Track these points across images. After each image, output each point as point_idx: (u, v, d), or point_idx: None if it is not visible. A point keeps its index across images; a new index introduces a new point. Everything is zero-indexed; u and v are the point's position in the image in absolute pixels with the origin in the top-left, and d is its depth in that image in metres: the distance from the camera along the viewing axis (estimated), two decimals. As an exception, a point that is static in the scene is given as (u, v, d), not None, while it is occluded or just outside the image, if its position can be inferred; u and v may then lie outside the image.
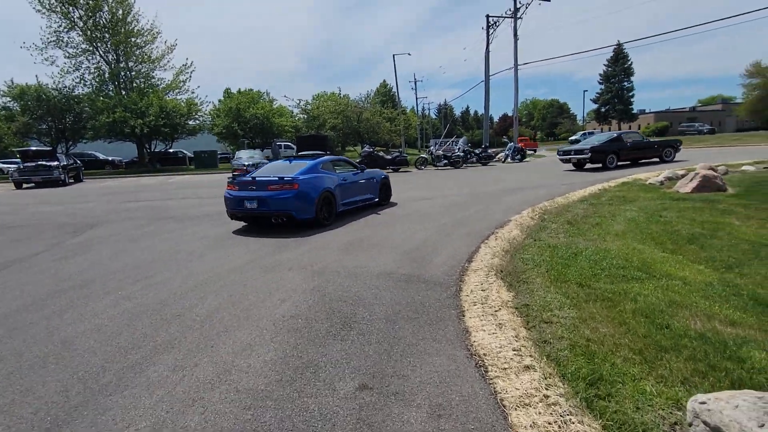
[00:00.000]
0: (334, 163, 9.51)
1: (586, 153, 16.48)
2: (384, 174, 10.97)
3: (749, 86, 56.74)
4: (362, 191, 9.66)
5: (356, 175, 9.63)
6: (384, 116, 34.09)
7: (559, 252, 5.18)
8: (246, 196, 7.71)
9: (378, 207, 9.82)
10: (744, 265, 4.66)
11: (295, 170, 8.08)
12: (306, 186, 7.72)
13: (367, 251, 5.66)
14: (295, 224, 7.66)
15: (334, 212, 8.34)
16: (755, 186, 9.23)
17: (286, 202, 7.44)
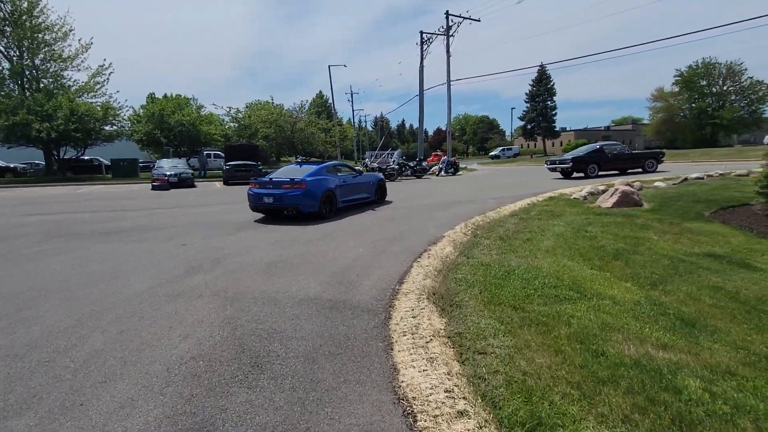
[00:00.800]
0: (336, 167, 11.25)
1: (568, 163, 18.09)
2: (381, 177, 13.15)
3: (654, 109, 62.99)
4: (359, 191, 11.59)
5: (355, 178, 11.48)
6: (319, 127, 33.54)
7: (492, 271, 5.02)
8: (265, 193, 9.59)
9: (375, 204, 11.84)
10: (666, 282, 4.75)
11: (303, 173, 9.94)
12: (312, 186, 9.58)
13: (290, 273, 5.17)
14: (302, 216, 9.45)
15: (335, 208, 10.24)
16: (666, 201, 9.84)
17: (296, 198, 9.31)
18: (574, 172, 18.27)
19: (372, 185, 12.23)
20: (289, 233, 7.74)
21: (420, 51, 31.46)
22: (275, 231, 8.01)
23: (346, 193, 10.87)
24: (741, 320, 3.75)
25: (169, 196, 16.16)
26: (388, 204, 11.87)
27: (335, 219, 9.27)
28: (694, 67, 57.73)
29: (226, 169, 22.01)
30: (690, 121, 58.93)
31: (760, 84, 54.50)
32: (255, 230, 8.13)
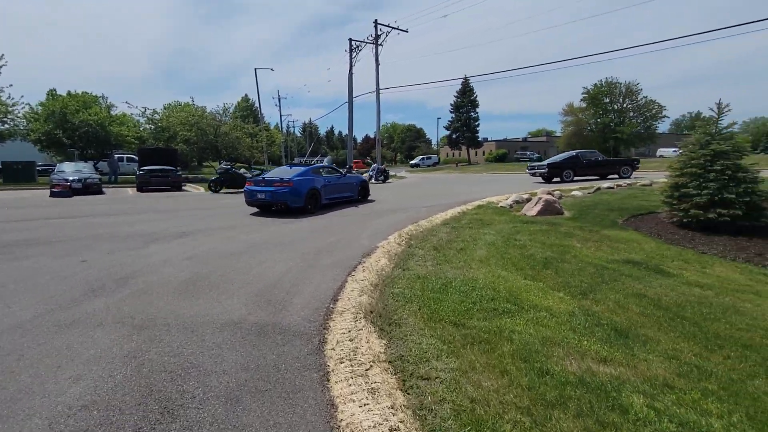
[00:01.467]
0: (323, 169, 13.04)
1: (544, 168, 19.91)
2: (363, 179, 15.31)
3: (565, 123, 68.12)
4: (343, 190, 13.38)
5: (339, 179, 13.25)
6: (245, 131, 32.06)
7: (429, 284, 4.86)
8: (258, 190, 11.29)
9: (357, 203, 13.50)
10: (595, 291, 4.87)
11: (292, 173, 11.59)
12: (298, 185, 11.17)
13: (211, 292, 4.63)
14: (290, 210, 11.13)
15: (319, 204, 11.90)
16: (585, 210, 10.42)
17: (284, 195, 10.93)
18: (551, 177, 19.76)
19: (355, 186, 14.17)
20: (208, 246, 7.08)
21: (349, 58, 31.37)
22: (193, 243, 7.29)
23: (331, 191, 12.64)
24: (667, 328, 3.87)
25: (70, 204, 14.40)
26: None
27: (269, 228, 8.71)
28: (599, 86, 63.38)
29: (140, 174, 20.17)
30: (596, 135, 64.46)
31: (654, 103, 61.13)
32: (170, 243, 7.34)
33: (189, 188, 22.84)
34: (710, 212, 8.01)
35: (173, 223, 9.41)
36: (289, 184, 11.04)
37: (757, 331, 3.90)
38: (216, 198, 16.23)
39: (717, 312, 4.38)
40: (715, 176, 8.13)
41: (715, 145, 8.31)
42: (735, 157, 8.22)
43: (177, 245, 7.09)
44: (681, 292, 5.01)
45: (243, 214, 11.11)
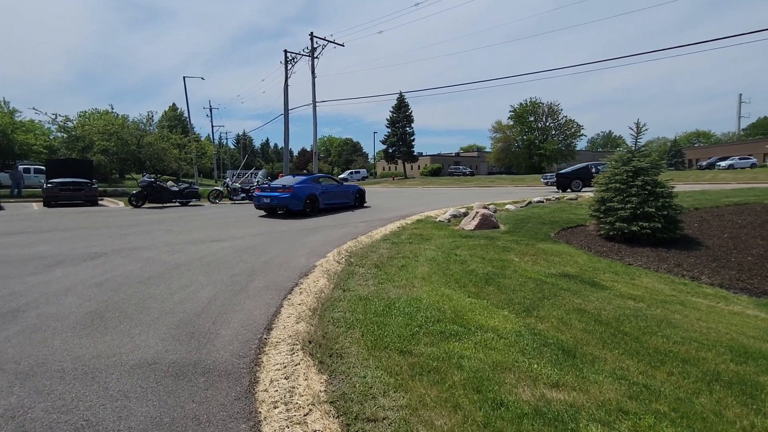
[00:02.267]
0: (320, 178, 15.20)
1: (553, 178, 22.20)
2: (360, 187, 17.13)
3: (494, 139, 71.53)
4: (340, 197, 15.49)
5: (337, 187, 15.57)
6: (172, 142, 30.13)
7: (372, 306, 4.56)
8: (265, 196, 13.58)
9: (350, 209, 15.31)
10: (538, 307, 4.82)
11: (294, 182, 13.84)
12: (298, 191, 13.30)
13: (121, 325, 4.00)
14: (291, 213, 13.35)
15: (317, 208, 13.92)
16: (519, 223, 10.68)
17: (285, 200, 13.08)
18: (561, 186, 21.27)
19: (352, 194, 16.21)
20: (124, 269, 6.30)
21: (284, 70, 30.71)
22: (106, 267, 6.47)
23: (329, 198, 14.73)
24: (611, 345, 3.86)
25: (-43, 222, 12.53)
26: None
27: (196, 247, 7.96)
28: (524, 105, 67.40)
29: (48, 187, 18.03)
30: (522, 151, 68.30)
31: (573, 122, 65.96)
32: (78, 266, 6.45)
33: (107, 203, 20.88)
34: (633, 225, 8.47)
35: (84, 243, 8.38)
36: (290, 190, 13.26)
37: (691, 344, 4.00)
38: (137, 213, 14.87)
39: (652, 325, 4.47)
40: (637, 191, 8.63)
41: (635, 162, 8.84)
42: (653, 173, 8.79)
43: (86, 269, 6.24)
44: (617, 306, 5.11)
45: (166, 231, 10.20)
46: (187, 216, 13.80)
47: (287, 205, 13.15)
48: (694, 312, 5.26)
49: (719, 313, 5.43)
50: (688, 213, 10.68)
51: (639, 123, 9.13)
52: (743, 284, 6.89)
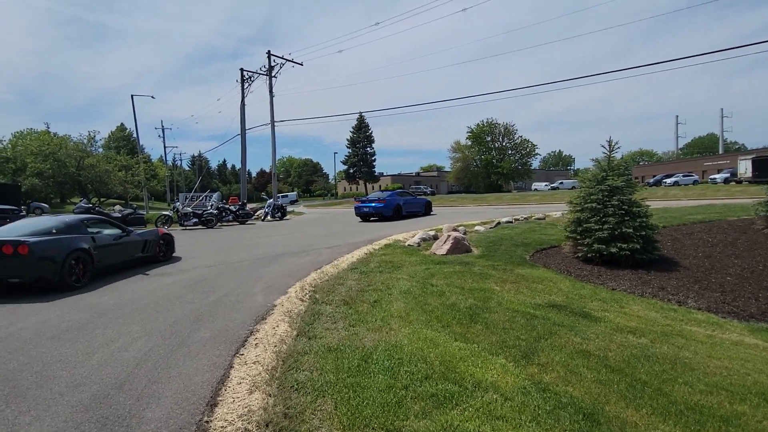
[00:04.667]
0: (403, 192, 21.48)
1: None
2: (427, 200, 22.77)
3: (454, 159, 72.65)
4: (414, 206, 20.96)
5: (413, 199, 21.30)
6: (117, 163, 28.10)
7: (344, 360, 3.74)
8: (365, 206, 19.49)
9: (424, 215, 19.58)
10: (537, 351, 4.16)
11: (385, 195, 19.75)
12: (389, 202, 19.13)
13: (6, 409, 2.97)
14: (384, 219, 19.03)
15: (401, 214, 19.64)
16: (492, 246, 10.16)
17: (381, 209, 18.86)
18: None
19: (423, 204, 21.56)
20: (36, 318, 5.16)
21: (241, 89, 29.62)
22: (13, 316, 5.29)
23: (408, 207, 20.25)
24: (634, 401, 3.23)
25: None
26: (262, 248, 9.69)
27: (136, 284, 6.82)
28: (481, 125, 69.04)
29: (-34, 215, 16.06)
30: (481, 170, 69.65)
31: (528, 142, 68.04)
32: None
33: (39, 231, 18.90)
34: (612, 246, 8.10)
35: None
36: (383, 201, 19.00)
37: (720, 394, 3.45)
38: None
39: (668, 369, 3.91)
40: (613, 211, 8.30)
41: (611, 181, 8.54)
42: (628, 192, 8.50)
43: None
44: (620, 344, 4.54)
45: (101, 265, 8.93)
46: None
47: (382, 213, 18.83)
48: (698, 346, 4.77)
49: (721, 345, 4.96)
50: (659, 232, 10.54)
51: (611, 140, 8.89)
52: (729, 307, 6.57)
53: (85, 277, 7.13)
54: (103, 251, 7.80)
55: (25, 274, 6.38)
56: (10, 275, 6.35)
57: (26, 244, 6.30)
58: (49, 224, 7.47)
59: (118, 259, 8.30)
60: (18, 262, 6.28)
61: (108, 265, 7.97)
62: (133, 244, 8.81)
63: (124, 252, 8.49)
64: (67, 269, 6.71)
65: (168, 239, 9.97)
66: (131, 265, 8.77)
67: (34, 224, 7.56)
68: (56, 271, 6.55)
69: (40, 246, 6.49)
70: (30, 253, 6.29)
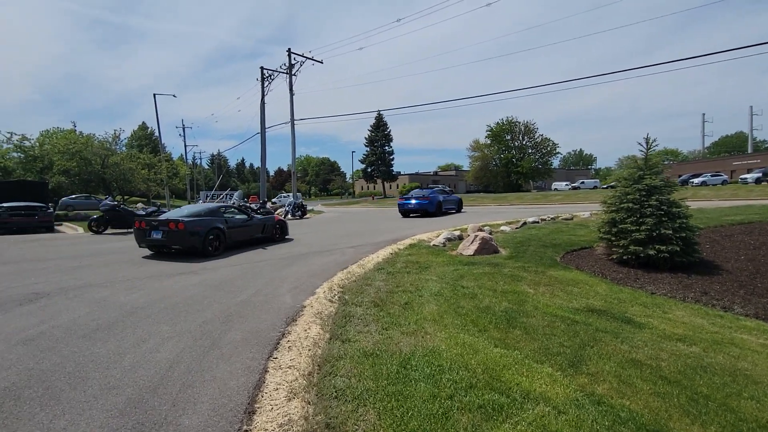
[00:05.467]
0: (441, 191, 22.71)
1: None
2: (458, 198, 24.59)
3: (473, 158, 71.85)
4: (450, 204, 22.64)
5: (448, 196, 22.73)
6: (140, 162, 28.52)
7: (382, 365, 3.57)
8: (408, 203, 21.12)
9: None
10: (584, 359, 3.93)
11: (428, 193, 21.17)
12: (432, 199, 20.66)
13: (41, 412, 2.89)
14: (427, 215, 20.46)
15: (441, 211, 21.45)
16: (520, 247, 9.88)
17: (425, 205, 20.51)
18: None
19: (457, 201, 23.74)
20: (68, 316, 5.13)
21: (261, 87, 29.74)
22: (45, 313, 5.27)
23: (446, 204, 21.99)
24: (699, 417, 2.98)
25: None
26: (285, 243, 9.67)
27: (161, 282, 6.81)
28: (501, 124, 68.14)
29: (-6, 213, 16.43)
30: (500, 169, 68.77)
31: (548, 141, 66.89)
32: (7, 314, 5.22)
33: (66, 228, 19.21)
34: (650, 248, 7.76)
35: (25, 280, 7.11)
36: (428, 198, 20.65)
37: (793, 410, 3.16)
38: (97, 241, 13.46)
39: (728, 381, 3.64)
40: (651, 211, 7.95)
41: (648, 180, 8.18)
42: (667, 191, 8.14)
43: (18, 317, 5.04)
44: (671, 353, 4.27)
45: (129, 263, 8.97)
46: (153, 243, 12.48)
47: (426, 209, 20.48)
48: (755, 356, 4.45)
49: (779, 355, 4.64)
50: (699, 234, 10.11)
51: (648, 137, 8.52)
52: (779, 314, 6.19)
53: (220, 249, 10.12)
54: (233, 231, 10.70)
55: (182, 243, 9.47)
56: (174, 243, 9.48)
57: (183, 222, 9.40)
58: (197, 210, 10.57)
59: (243, 237, 11.21)
60: (178, 234, 9.37)
61: (236, 240, 10.89)
62: (255, 227, 11.66)
63: (247, 232, 11.38)
64: (208, 241, 9.74)
65: (282, 224, 12.91)
66: (255, 242, 11.78)
67: (189, 210, 10.72)
68: (200, 242, 9.53)
69: (191, 224, 9.53)
70: (185, 228, 9.37)
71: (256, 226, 11.64)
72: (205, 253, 9.60)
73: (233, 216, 11.07)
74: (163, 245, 9.71)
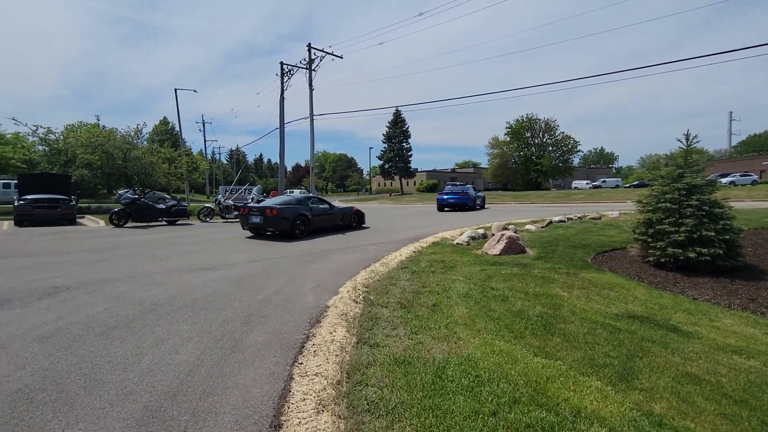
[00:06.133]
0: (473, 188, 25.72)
1: None
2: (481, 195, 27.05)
3: (491, 155, 70.89)
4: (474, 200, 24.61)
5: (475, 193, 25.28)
6: (161, 156, 28.74)
7: (415, 375, 3.31)
8: (447, 198, 23.68)
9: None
10: (635, 372, 3.60)
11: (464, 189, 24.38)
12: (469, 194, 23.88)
13: (54, 419, 2.70)
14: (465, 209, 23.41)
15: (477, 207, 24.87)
16: (547, 247, 9.50)
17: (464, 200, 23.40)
18: None
19: (482, 198, 26.38)
20: (87, 312, 4.99)
21: (281, 83, 29.64)
22: (63, 308, 5.15)
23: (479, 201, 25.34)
24: (781, 446, 2.64)
25: None
26: (305, 241, 9.50)
27: (180, 278, 6.66)
28: (521, 121, 67.01)
29: (19, 204, 16.50)
30: (520, 167, 67.68)
31: (569, 138, 65.54)
32: (27, 308, 5.09)
33: (87, 221, 19.40)
34: (690, 251, 7.31)
35: (45, 273, 7.04)
36: (466, 194, 23.47)
37: None
38: (118, 234, 13.48)
39: (802, 402, 3.26)
40: (692, 212, 7.50)
41: (689, 179, 7.72)
42: (708, 191, 7.67)
43: (36, 312, 4.91)
44: (728, 366, 3.91)
45: (149, 257, 8.87)
46: (173, 237, 12.43)
47: (465, 203, 23.15)
48: (821, 372, 4.05)
49: None
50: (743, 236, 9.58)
51: (689, 134, 8.05)
52: (837, 324, 5.71)
53: (305, 233, 12.16)
54: (316, 218, 12.72)
55: (275, 226, 11.78)
56: (269, 226, 11.86)
57: (276, 209, 11.67)
58: (288, 199, 12.83)
59: (325, 224, 13.19)
60: (273, 218, 11.68)
61: (319, 227, 12.89)
62: (335, 215, 13.66)
63: (329, 220, 13.37)
64: (295, 225, 11.84)
65: (360, 214, 14.87)
66: (336, 228, 13.74)
67: (281, 199, 12.99)
68: (289, 226, 11.66)
69: (282, 210, 11.72)
70: (278, 213, 11.62)
71: (337, 215, 13.66)
72: (293, 236, 11.74)
73: (317, 206, 13.15)
74: (261, 227, 12.11)
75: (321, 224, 12.85)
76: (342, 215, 13.86)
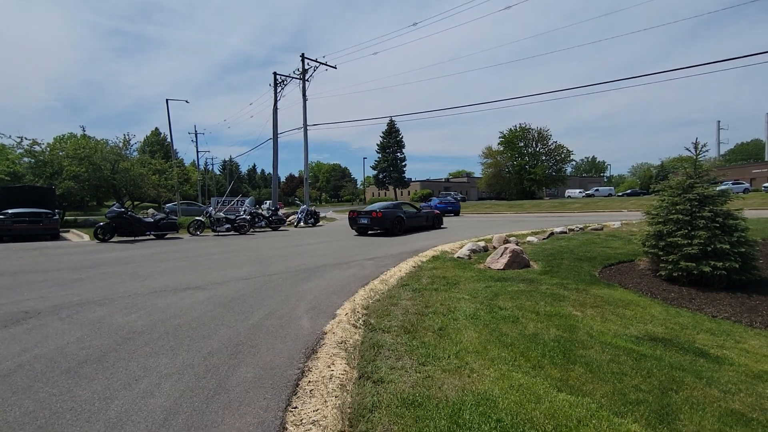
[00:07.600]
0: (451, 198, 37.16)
1: None
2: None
3: (485, 164, 70.99)
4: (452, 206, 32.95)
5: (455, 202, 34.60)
6: (151, 167, 28.13)
7: (427, 421, 2.87)
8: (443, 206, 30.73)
9: None
10: (673, 412, 3.18)
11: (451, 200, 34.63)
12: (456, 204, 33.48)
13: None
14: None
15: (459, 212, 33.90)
16: (552, 261, 9.12)
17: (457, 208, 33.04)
18: None
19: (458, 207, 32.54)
20: (56, 341, 4.49)
21: (274, 93, 29.33)
22: (30, 338, 4.63)
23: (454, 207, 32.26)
24: None
25: None
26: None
27: (165, 299, 6.17)
28: (514, 131, 67.23)
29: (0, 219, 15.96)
30: (513, 176, 67.77)
31: (562, 148, 65.81)
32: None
33: (72, 236, 18.74)
34: (704, 265, 6.95)
35: (16, 296, 6.52)
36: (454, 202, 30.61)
37: None
38: (102, 250, 12.89)
39: None
40: (705, 224, 7.16)
41: (700, 189, 7.40)
42: (721, 202, 7.35)
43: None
44: (774, 400, 3.50)
45: (132, 275, 8.36)
46: (160, 253, 11.88)
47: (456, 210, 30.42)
48: None
49: None
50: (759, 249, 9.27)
51: (698, 142, 7.75)
52: None
53: (400, 231, 15.98)
54: (408, 220, 16.48)
55: (379, 225, 15.55)
56: (374, 225, 15.60)
57: (380, 212, 15.51)
58: (386, 204, 16.66)
59: (415, 224, 17.22)
60: (378, 219, 15.45)
61: (410, 226, 16.78)
62: (421, 218, 17.79)
63: (417, 221, 17.34)
64: (394, 225, 15.62)
65: (440, 216, 19.41)
66: (423, 228, 17.94)
67: (381, 205, 16.53)
68: (390, 225, 15.43)
69: (384, 213, 15.43)
70: (382, 216, 15.38)
71: (423, 217, 17.85)
72: (392, 233, 15.55)
73: (408, 210, 16.99)
74: (368, 227, 16.00)
75: (412, 224, 16.82)
76: (426, 217, 18.02)
